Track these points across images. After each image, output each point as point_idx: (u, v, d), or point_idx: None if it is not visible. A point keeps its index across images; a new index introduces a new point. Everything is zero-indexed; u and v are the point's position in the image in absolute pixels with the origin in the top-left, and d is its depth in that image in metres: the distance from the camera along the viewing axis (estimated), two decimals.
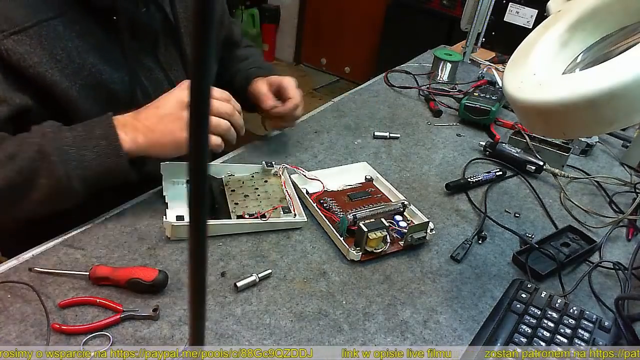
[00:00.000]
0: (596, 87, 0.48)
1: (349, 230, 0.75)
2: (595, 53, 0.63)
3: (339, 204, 0.83)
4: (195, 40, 0.17)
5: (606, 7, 0.61)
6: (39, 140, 0.65)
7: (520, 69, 0.61)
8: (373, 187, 0.89)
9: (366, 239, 0.72)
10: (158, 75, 0.85)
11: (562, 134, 0.66)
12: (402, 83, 1.32)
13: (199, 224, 0.21)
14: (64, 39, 0.71)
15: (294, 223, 0.78)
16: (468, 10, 1.47)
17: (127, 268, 0.64)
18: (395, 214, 0.81)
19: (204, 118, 0.19)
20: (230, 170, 0.87)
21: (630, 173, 1.06)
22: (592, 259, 0.81)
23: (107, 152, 0.67)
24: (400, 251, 0.76)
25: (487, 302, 0.70)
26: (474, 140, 1.11)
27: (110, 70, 0.77)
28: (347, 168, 0.93)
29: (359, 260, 0.73)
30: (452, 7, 2.84)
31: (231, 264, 0.70)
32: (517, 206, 0.92)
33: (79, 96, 0.74)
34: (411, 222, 0.81)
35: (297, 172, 0.88)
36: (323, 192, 0.85)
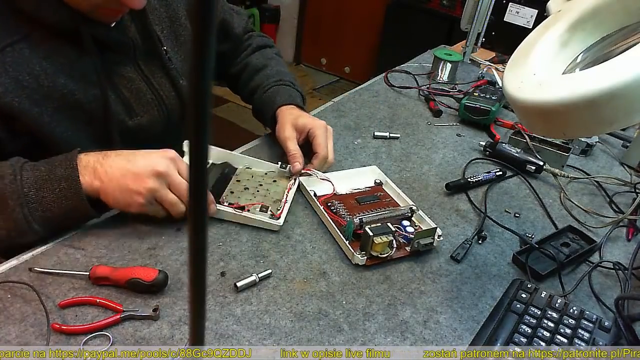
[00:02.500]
0: (596, 87, 0.48)
1: (355, 234, 0.75)
2: (595, 53, 0.63)
3: (347, 207, 0.82)
4: (196, 40, 0.17)
5: (606, 7, 0.61)
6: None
7: (520, 69, 0.61)
8: (382, 191, 0.88)
9: (372, 244, 0.71)
10: (139, 85, 0.83)
11: (562, 134, 0.66)
12: (402, 83, 1.32)
13: (199, 224, 0.21)
14: (30, 63, 0.69)
15: (267, 224, 0.76)
16: (468, 10, 1.47)
17: (127, 268, 0.64)
18: (403, 219, 0.80)
19: (204, 118, 0.19)
20: (250, 163, 0.88)
21: (630, 173, 1.06)
22: (592, 259, 0.81)
23: (67, 194, 0.65)
24: (406, 257, 0.75)
25: (487, 302, 0.70)
26: (474, 140, 1.11)
27: (84, 88, 0.74)
28: (356, 171, 0.92)
29: (364, 264, 0.72)
30: (452, 7, 2.84)
31: (231, 264, 0.70)
32: (517, 206, 0.92)
33: (52, 120, 0.72)
34: (419, 227, 0.80)
35: (308, 173, 0.86)
36: (332, 195, 0.85)
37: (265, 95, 0.97)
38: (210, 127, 0.19)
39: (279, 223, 0.76)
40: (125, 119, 0.81)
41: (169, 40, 0.86)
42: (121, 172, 0.67)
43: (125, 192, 0.67)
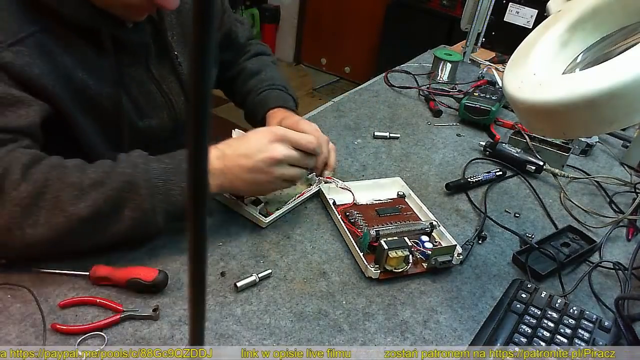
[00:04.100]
0: (596, 87, 0.48)
1: (371, 247, 0.73)
2: (595, 53, 0.63)
3: (366, 218, 0.80)
4: (196, 41, 0.18)
5: (606, 7, 0.61)
6: (131, 170, 0.64)
7: (520, 69, 0.61)
8: (404, 204, 0.86)
9: (386, 257, 0.69)
10: (150, 88, 0.83)
11: (562, 134, 0.66)
12: (402, 83, 1.32)
13: (199, 224, 0.21)
14: (52, 53, 0.69)
15: (254, 217, 0.77)
16: (468, 10, 1.47)
17: (127, 268, 0.64)
18: (422, 234, 0.77)
19: (204, 118, 0.19)
20: None
21: (630, 173, 1.06)
22: (592, 259, 0.81)
23: None
24: (422, 273, 0.73)
25: (487, 302, 0.70)
26: (474, 140, 1.11)
27: (99, 84, 0.74)
28: (379, 182, 0.90)
29: (378, 278, 0.70)
30: (452, 7, 2.84)
31: (231, 264, 0.70)
32: (517, 206, 0.92)
33: (70, 110, 0.72)
34: (438, 243, 0.77)
35: (330, 182, 0.84)
36: (352, 204, 0.83)
37: (257, 99, 0.98)
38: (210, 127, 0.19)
39: (265, 220, 0.76)
40: (135, 119, 0.82)
41: (179, 46, 0.87)
42: (245, 171, 0.70)
43: (254, 186, 0.72)
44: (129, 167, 0.64)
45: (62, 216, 0.60)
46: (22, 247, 0.61)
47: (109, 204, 0.62)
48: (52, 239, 0.60)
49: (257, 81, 1.01)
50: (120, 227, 0.64)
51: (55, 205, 0.60)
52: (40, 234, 0.60)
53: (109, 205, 0.62)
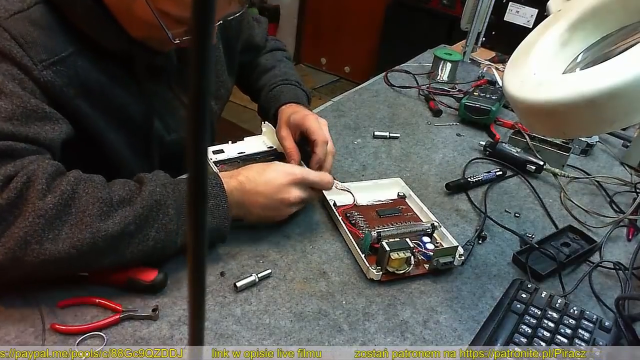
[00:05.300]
0: (596, 86, 0.48)
1: (372, 248, 0.72)
2: (595, 53, 0.63)
3: (367, 219, 0.80)
4: (196, 42, 0.17)
5: (606, 7, 0.61)
6: (160, 190, 0.63)
7: (521, 69, 0.61)
8: (405, 204, 0.86)
9: (388, 259, 0.68)
10: (173, 103, 0.85)
11: (563, 133, 0.66)
12: (402, 83, 1.31)
13: (199, 224, 0.21)
14: (89, 72, 0.70)
15: None
16: (468, 9, 1.47)
17: (127, 268, 0.64)
18: (424, 234, 0.77)
19: (203, 118, 0.19)
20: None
21: (630, 173, 1.06)
22: (593, 259, 0.81)
23: (215, 213, 0.66)
24: (424, 275, 0.73)
25: (487, 302, 0.70)
26: (474, 140, 1.11)
27: (132, 103, 0.77)
28: (379, 183, 0.89)
29: (379, 280, 0.70)
30: (452, 6, 2.84)
31: (231, 264, 0.70)
32: (517, 206, 0.92)
33: (106, 128, 0.74)
34: (440, 244, 0.77)
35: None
36: (353, 205, 0.83)
37: (270, 94, 0.99)
38: (209, 127, 0.19)
39: None
40: (163, 133, 0.84)
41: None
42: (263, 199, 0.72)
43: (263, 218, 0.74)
44: (158, 186, 0.63)
45: (88, 232, 0.57)
46: (36, 264, 0.55)
47: (137, 223, 0.60)
48: (72, 255, 0.56)
49: (271, 77, 1.03)
50: (143, 247, 0.61)
51: (81, 219, 0.57)
52: (60, 250, 0.56)
53: (137, 223, 0.60)
